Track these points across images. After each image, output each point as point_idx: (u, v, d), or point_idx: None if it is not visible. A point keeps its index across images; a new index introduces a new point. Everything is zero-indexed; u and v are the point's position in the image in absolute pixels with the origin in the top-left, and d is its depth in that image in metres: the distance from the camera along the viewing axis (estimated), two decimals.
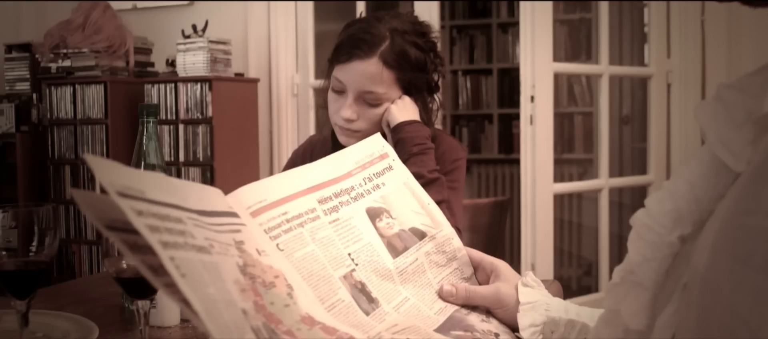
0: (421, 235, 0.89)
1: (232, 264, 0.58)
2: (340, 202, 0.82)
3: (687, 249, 0.52)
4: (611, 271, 0.62)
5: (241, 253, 0.61)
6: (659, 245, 0.53)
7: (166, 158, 3.31)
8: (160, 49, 3.65)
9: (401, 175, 0.94)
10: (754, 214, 0.44)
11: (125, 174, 0.50)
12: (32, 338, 1.00)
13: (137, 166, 1.23)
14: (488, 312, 0.88)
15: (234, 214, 0.67)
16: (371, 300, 0.75)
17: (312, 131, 3.44)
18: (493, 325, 0.85)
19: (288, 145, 3.55)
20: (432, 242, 0.90)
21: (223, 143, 3.32)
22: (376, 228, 0.84)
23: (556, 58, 3.13)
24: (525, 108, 3.03)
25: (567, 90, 5.03)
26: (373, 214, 0.85)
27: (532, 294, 0.87)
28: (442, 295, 0.86)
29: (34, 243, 0.91)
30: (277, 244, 0.70)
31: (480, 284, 0.92)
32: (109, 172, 0.49)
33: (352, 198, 0.84)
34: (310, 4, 3.59)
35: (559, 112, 4.19)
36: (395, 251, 0.84)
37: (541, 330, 0.83)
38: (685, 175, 0.54)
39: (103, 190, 0.49)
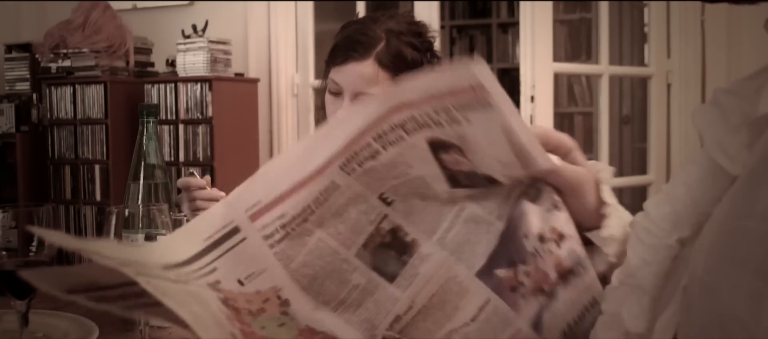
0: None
1: (213, 296, 0.55)
2: (384, 144, 0.61)
3: (686, 252, 0.52)
4: None
5: (218, 292, 0.56)
6: (658, 248, 0.53)
7: (166, 158, 3.31)
8: (160, 49, 3.65)
9: (500, 117, 0.60)
10: (749, 217, 0.44)
11: (78, 244, 0.48)
12: (32, 338, 1.00)
13: (137, 166, 1.23)
14: (556, 203, 0.65)
15: (219, 241, 0.59)
16: (404, 249, 0.62)
17: (312, 131, 3.44)
18: (561, 221, 0.63)
19: (288, 145, 3.56)
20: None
21: (223, 143, 3.32)
22: (438, 158, 0.62)
23: (556, 58, 3.13)
24: (525, 108, 3.03)
25: (567, 90, 5.03)
26: (438, 146, 0.62)
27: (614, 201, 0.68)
28: None
29: (34, 243, 0.91)
30: (274, 254, 0.61)
31: None
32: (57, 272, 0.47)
33: (411, 129, 0.61)
34: (310, 4, 3.59)
35: (559, 112, 4.19)
36: (457, 184, 0.64)
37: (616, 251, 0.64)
38: (683, 179, 0.54)
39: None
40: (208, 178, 1.40)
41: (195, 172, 1.42)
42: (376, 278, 0.62)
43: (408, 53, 1.45)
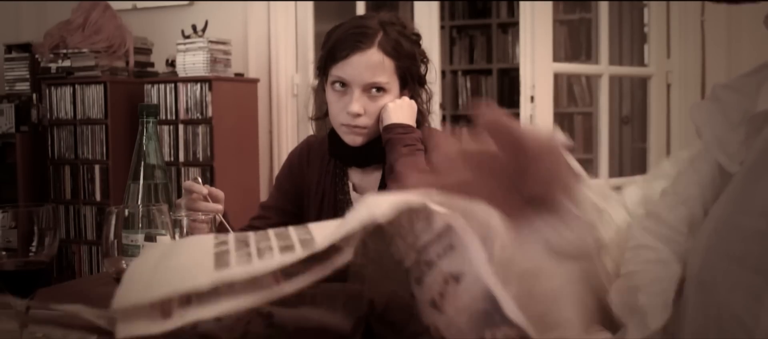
0: None
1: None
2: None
3: (686, 248, 0.51)
4: None
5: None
6: (680, 253, 0.52)
7: (166, 158, 3.31)
8: (160, 49, 3.65)
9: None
10: (747, 214, 0.44)
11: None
12: (32, 338, 1.00)
13: (137, 166, 1.23)
14: None
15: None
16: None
17: (312, 131, 3.43)
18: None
19: (288, 145, 3.55)
20: None
21: (223, 143, 3.31)
22: None
23: (556, 58, 3.13)
24: (525, 108, 3.03)
25: (567, 90, 5.03)
26: None
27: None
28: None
29: (34, 243, 0.91)
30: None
31: None
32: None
33: None
34: (310, 4, 3.59)
35: (559, 112, 4.19)
36: None
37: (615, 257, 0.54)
38: (695, 179, 0.53)
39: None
40: (208, 187, 1.40)
41: (198, 178, 1.42)
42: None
43: (404, 43, 1.49)
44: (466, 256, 0.43)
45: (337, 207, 1.57)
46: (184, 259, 0.54)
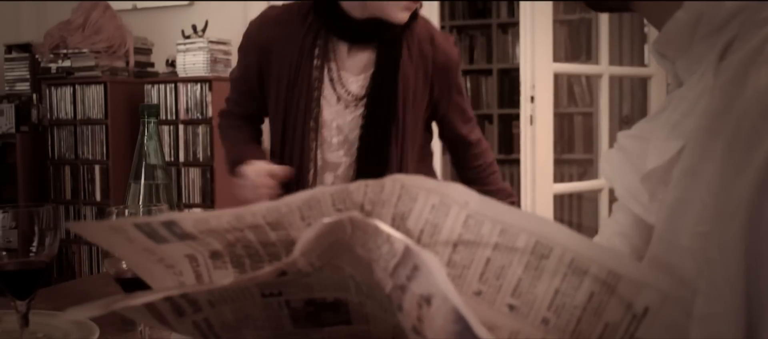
0: None
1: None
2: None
3: None
4: None
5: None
6: None
7: (166, 158, 3.31)
8: (160, 49, 3.65)
9: None
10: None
11: None
12: (33, 338, 1.00)
13: (138, 166, 1.23)
14: None
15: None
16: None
17: None
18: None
19: None
20: None
21: None
22: None
23: (556, 58, 3.13)
24: (525, 108, 3.03)
25: (567, 90, 5.03)
26: None
27: None
28: None
29: (35, 243, 0.91)
30: None
31: None
32: None
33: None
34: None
35: (559, 112, 4.19)
36: None
37: None
38: (615, 229, 0.54)
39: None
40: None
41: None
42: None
43: None
44: (430, 277, 0.42)
45: (311, 83, 1.46)
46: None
